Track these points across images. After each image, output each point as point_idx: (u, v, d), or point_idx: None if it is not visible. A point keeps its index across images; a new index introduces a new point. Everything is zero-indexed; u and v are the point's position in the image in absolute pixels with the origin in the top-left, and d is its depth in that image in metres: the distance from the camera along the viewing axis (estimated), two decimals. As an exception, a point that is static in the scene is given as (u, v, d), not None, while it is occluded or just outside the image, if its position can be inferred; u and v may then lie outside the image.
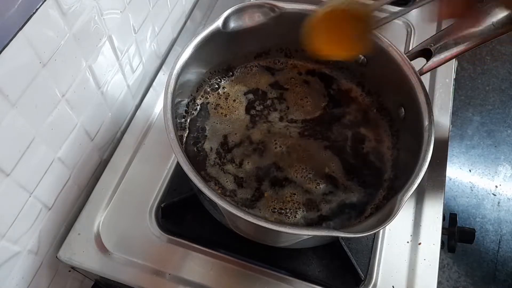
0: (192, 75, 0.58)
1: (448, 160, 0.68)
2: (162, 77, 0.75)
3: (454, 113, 0.70)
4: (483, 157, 1.41)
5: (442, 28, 0.56)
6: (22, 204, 0.50)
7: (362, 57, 0.61)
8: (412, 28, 0.82)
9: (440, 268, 0.58)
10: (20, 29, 0.41)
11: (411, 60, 0.55)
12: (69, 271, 0.64)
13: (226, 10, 0.56)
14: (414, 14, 0.84)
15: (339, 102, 0.64)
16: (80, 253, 0.58)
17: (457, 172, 1.38)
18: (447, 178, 0.67)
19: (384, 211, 0.43)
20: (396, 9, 0.85)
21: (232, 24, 0.56)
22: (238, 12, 0.56)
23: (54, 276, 0.62)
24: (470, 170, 1.39)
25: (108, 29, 0.57)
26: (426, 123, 0.50)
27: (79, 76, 0.54)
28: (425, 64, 0.55)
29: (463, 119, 1.46)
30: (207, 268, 0.57)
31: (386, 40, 0.56)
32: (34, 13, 0.42)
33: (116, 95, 0.66)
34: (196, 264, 0.58)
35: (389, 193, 0.55)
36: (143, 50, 0.70)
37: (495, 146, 1.43)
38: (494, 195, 1.34)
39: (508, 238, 1.27)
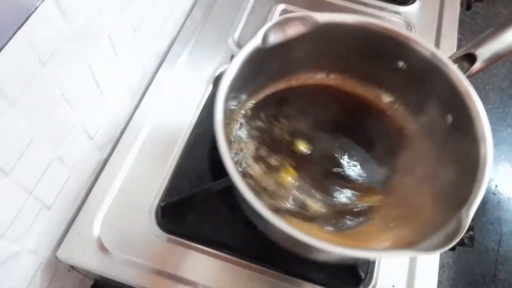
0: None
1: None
2: (161, 76, 0.75)
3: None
4: (483, 156, 1.41)
5: (485, 33, 0.55)
6: (21, 203, 0.50)
7: (402, 63, 0.57)
8: (413, 27, 0.81)
9: (440, 268, 0.58)
10: (19, 28, 0.41)
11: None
12: (69, 270, 0.64)
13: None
14: (414, 14, 0.84)
15: (377, 114, 0.62)
16: (80, 252, 0.58)
17: (457, 171, 1.38)
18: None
19: (449, 226, 0.42)
20: (395, 7, 0.85)
21: (272, 39, 0.52)
22: (277, 26, 0.52)
23: (54, 275, 0.62)
24: (470, 169, 1.38)
25: (107, 28, 0.57)
26: (481, 129, 0.47)
27: (78, 75, 0.54)
28: (470, 69, 0.52)
29: (463, 118, 1.45)
30: (207, 267, 0.57)
31: (429, 44, 0.53)
32: (33, 12, 0.42)
33: (116, 94, 0.66)
34: (196, 263, 0.58)
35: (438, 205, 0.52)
36: (142, 49, 0.70)
37: (495, 145, 1.42)
38: (494, 194, 1.34)
39: (508, 237, 1.27)
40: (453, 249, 0.67)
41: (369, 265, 0.58)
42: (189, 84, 0.74)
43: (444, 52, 0.54)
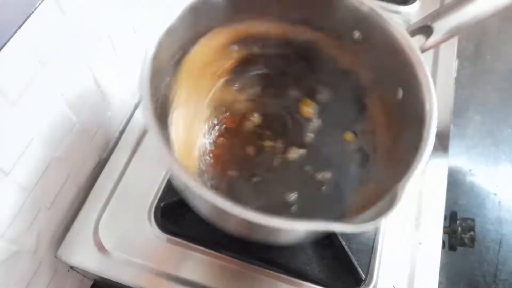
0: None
1: (448, 159, 0.68)
2: (161, 76, 0.75)
3: (454, 113, 0.70)
4: (484, 156, 1.41)
5: (443, 6, 0.53)
6: (21, 203, 0.50)
7: (358, 33, 0.55)
8: (413, 27, 0.81)
9: (440, 268, 0.58)
10: (19, 28, 0.41)
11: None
12: (68, 270, 0.64)
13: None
14: (414, 14, 0.84)
15: (330, 83, 0.61)
16: (79, 252, 0.58)
17: (457, 171, 1.38)
18: (447, 178, 0.67)
19: (384, 202, 0.40)
20: (396, 7, 0.85)
21: None
22: None
23: (53, 275, 0.61)
24: (470, 170, 1.38)
25: (107, 28, 0.57)
26: (427, 106, 0.45)
27: (78, 76, 0.54)
28: (426, 42, 0.51)
29: (463, 119, 1.45)
30: (207, 268, 0.57)
31: (385, 15, 0.51)
32: (33, 12, 0.42)
33: (115, 94, 0.66)
34: (196, 264, 0.58)
35: (382, 183, 0.51)
36: (142, 49, 0.69)
37: (496, 146, 1.42)
38: (495, 194, 1.34)
39: (509, 237, 1.27)
40: (454, 249, 0.67)
41: (369, 265, 0.58)
42: (189, 84, 0.73)
43: (445, 52, 0.54)
